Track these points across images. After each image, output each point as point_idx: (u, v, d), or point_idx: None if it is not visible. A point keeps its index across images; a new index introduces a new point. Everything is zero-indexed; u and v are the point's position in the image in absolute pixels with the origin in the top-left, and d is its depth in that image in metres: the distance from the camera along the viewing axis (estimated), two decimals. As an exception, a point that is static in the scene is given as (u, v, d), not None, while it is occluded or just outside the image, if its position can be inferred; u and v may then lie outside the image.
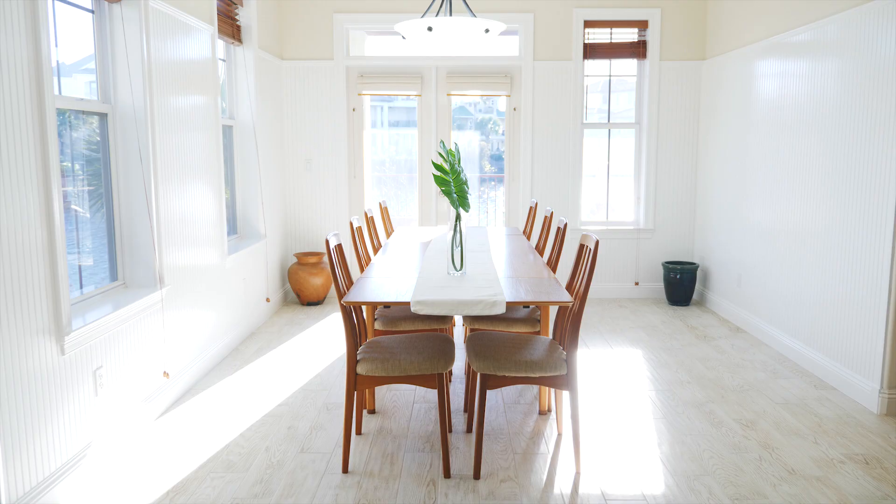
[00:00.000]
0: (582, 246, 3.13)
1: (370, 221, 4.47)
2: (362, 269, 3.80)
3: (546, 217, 4.53)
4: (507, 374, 2.90)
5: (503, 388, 3.95)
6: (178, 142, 3.93)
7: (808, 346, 4.32)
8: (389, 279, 3.31)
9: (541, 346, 3.08)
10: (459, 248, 3.39)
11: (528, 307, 3.81)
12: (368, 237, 4.43)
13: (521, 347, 3.04)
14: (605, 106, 6.44)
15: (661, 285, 6.38)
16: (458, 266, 3.38)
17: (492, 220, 6.91)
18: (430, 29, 3.65)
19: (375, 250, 4.41)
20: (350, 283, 3.25)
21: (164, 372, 3.69)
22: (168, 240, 3.79)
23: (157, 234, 3.63)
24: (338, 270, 3.01)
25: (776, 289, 4.77)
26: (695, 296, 6.26)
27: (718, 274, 5.81)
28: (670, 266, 6.07)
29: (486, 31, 3.72)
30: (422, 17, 3.84)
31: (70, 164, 3.26)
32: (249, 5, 5.30)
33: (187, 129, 4.08)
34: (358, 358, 2.97)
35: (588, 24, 6.15)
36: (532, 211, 5.04)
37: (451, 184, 3.27)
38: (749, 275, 5.21)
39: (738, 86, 5.41)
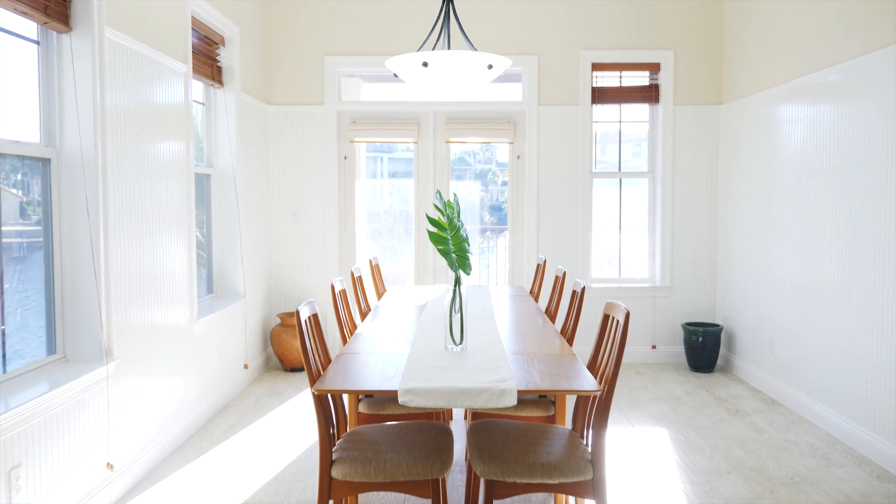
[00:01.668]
0: (607, 317, 2.59)
1: (357, 282, 3.94)
2: (346, 340, 3.26)
3: (558, 277, 4.00)
4: (518, 480, 2.33)
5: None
6: (138, 191, 3.44)
7: (865, 428, 3.74)
8: (375, 355, 2.77)
9: (559, 441, 2.51)
10: (459, 317, 2.86)
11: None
12: (355, 300, 3.90)
13: (534, 444, 2.48)
14: (616, 154, 5.99)
15: (680, 349, 5.81)
16: (457, 339, 2.84)
17: (493, 274, 6.39)
18: (425, 64, 3.19)
19: (363, 315, 3.87)
20: (327, 359, 2.70)
21: (108, 463, 3.11)
22: (121, 304, 3.26)
23: (104, 297, 3.10)
24: (310, 348, 2.47)
25: (818, 356, 4.21)
26: (719, 361, 5.69)
27: (746, 337, 5.26)
28: (691, 328, 5.51)
29: (490, 66, 3.26)
30: (417, 50, 3.39)
31: (-2, 219, 2.76)
32: (232, 46, 4.88)
33: (151, 178, 3.59)
34: (333, 457, 2.41)
35: (596, 66, 5.75)
36: (540, 269, 4.52)
37: (450, 241, 2.76)
38: (783, 339, 4.65)
39: (760, 131, 4.96)
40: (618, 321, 2.44)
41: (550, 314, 3.90)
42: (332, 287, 3.27)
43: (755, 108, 5.08)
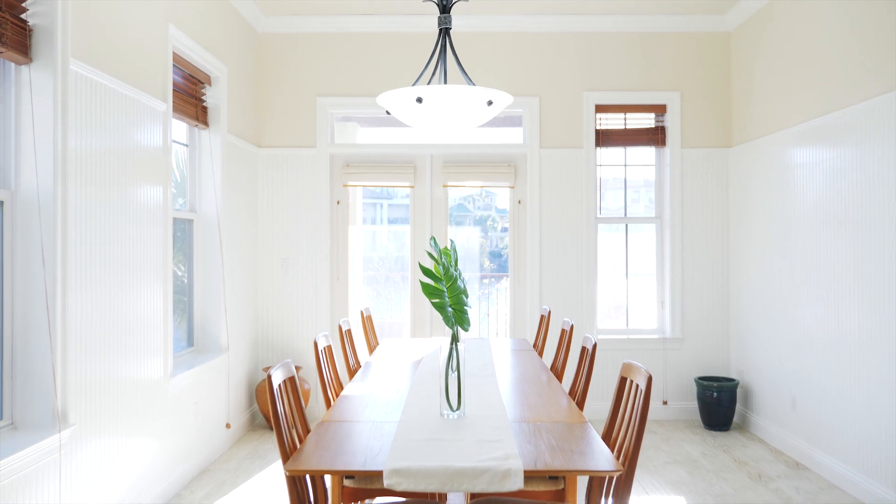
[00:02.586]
0: (625, 381, 2.27)
1: (346, 336, 3.61)
2: (329, 404, 2.92)
3: (564, 331, 3.68)
4: (525, 578, 1.98)
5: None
6: (107, 237, 3.14)
7: (905, 498, 3.37)
8: (361, 424, 2.43)
9: (572, 528, 2.16)
10: (457, 379, 2.53)
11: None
12: (343, 356, 3.57)
13: (544, 531, 2.13)
14: (622, 198, 5.72)
15: (693, 405, 5.45)
16: (453, 405, 2.51)
17: (493, 323, 6.06)
18: (419, 100, 2.93)
19: (352, 373, 3.54)
20: (306, 429, 2.36)
21: (57, 546, 2.74)
22: (82, 360, 2.93)
23: (60, 354, 2.77)
24: (284, 418, 2.14)
25: (847, 415, 3.86)
26: (735, 418, 5.31)
27: (764, 393, 4.90)
28: (705, 383, 5.16)
29: (489, 103, 3.00)
30: (413, 84, 3.14)
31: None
32: (218, 85, 4.66)
33: (123, 223, 3.30)
34: (308, 549, 2.06)
35: (600, 108, 5.53)
36: (544, 321, 4.20)
37: (446, 294, 2.45)
38: (806, 396, 4.30)
39: (772, 175, 4.70)
40: (638, 387, 2.12)
41: (557, 371, 3.57)
42: (315, 344, 2.95)
43: (767, 151, 4.83)
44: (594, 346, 3.00)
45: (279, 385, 2.18)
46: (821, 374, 4.14)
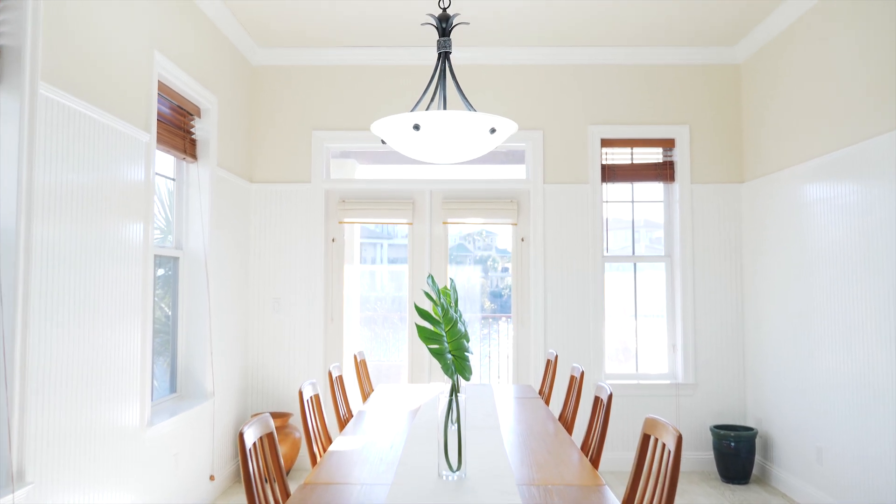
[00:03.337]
0: (648, 438, 2.00)
1: (337, 383, 3.33)
2: (315, 460, 2.63)
3: (574, 378, 3.40)
4: None
5: None
6: (79, 276, 2.89)
7: (953, 565, 3.05)
8: (349, 487, 2.15)
9: None
10: (457, 434, 2.25)
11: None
12: (333, 405, 3.29)
13: None
14: (629, 236, 5.48)
15: (709, 455, 5.12)
16: (453, 464, 2.22)
17: (495, 366, 5.77)
18: (416, 127, 2.71)
19: (342, 424, 3.25)
20: (285, 493, 2.08)
21: None
22: (44, 409, 2.65)
23: (18, 404, 2.49)
24: (256, 483, 1.86)
25: (881, 468, 3.55)
26: (755, 470, 4.98)
27: (786, 443, 4.59)
28: (721, 432, 4.84)
29: (492, 130, 2.78)
30: (412, 110, 2.93)
31: None
32: (208, 117, 4.46)
33: (97, 261, 3.05)
34: None
35: (605, 142, 5.33)
36: (551, 366, 3.92)
37: (445, 339, 2.19)
38: (833, 446, 4.00)
39: (790, 211, 4.47)
40: (665, 447, 1.85)
41: (566, 422, 3.28)
42: (301, 394, 2.67)
43: (782, 187, 4.61)
44: (609, 397, 2.73)
45: (253, 444, 1.91)
46: (848, 423, 3.84)
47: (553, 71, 5.32)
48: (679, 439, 1.80)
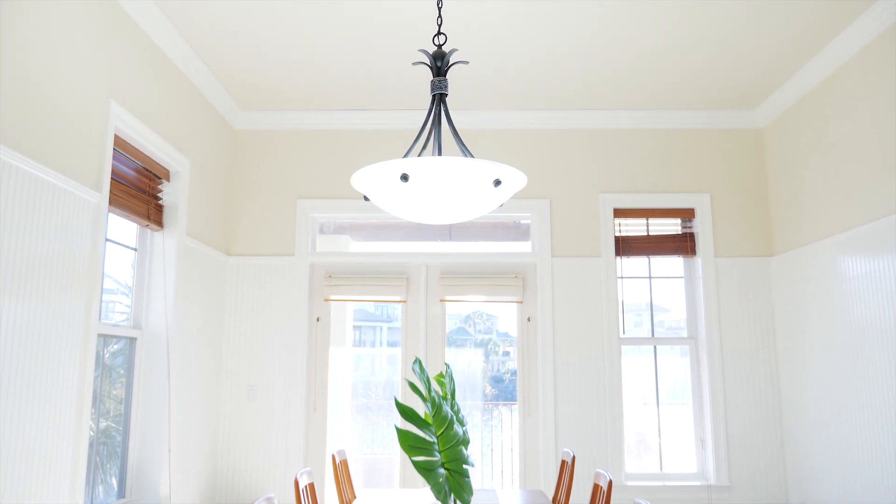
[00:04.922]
0: None
1: (305, 494, 2.71)
2: None
3: (599, 487, 2.77)
4: None
5: None
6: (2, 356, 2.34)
7: None
8: None
9: None
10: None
11: None
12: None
13: None
14: (648, 316, 4.93)
15: (751, 572, 4.39)
16: None
17: (497, 461, 5.07)
18: (404, 178, 2.23)
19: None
20: None
21: None
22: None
23: None
24: None
25: None
26: (806, 591, 4.25)
27: (843, 560, 3.88)
28: (765, 544, 4.14)
29: (497, 182, 2.29)
30: (405, 156, 2.45)
31: None
32: (178, 181, 4.01)
33: (18, 342, 2.50)
34: None
35: (619, 213, 4.86)
36: (566, 468, 3.30)
37: (435, 447, 1.61)
38: (909, 571, 3.32)
39: (828, 286, 3.94)
40: None
41: (590, 545, 2.64)
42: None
43: (818, 260, 4.10)
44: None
45: None
46: (929, 542, 3.19)
47: (561, 135, 4.91)
48: None
